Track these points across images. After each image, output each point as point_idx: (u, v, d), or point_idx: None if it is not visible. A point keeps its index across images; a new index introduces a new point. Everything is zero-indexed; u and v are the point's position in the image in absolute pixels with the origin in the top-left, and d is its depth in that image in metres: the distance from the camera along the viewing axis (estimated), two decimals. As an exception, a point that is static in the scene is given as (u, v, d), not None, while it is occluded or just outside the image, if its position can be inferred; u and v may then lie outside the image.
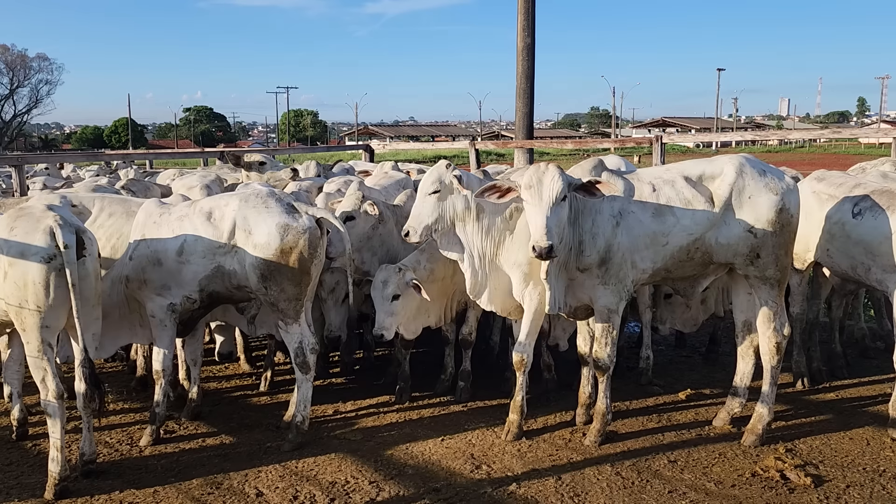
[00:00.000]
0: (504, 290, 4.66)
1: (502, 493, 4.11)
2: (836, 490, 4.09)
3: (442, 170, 4.51)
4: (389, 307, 5.02)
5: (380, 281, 5.05)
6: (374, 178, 7.90)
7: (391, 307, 5.03)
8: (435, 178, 4.48)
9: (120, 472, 4.41)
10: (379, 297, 5.03)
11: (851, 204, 4.92)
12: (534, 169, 4.20)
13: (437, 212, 4.47)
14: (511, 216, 4.52)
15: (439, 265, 5.09)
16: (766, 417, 4.68)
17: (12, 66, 69.81)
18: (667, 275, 4.63)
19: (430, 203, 4.46)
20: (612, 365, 4.63)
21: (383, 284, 5.02)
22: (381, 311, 5.05)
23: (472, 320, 5.54)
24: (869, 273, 4.83)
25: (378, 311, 5.07)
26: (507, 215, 4.52)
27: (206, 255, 4.61)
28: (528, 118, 13.00)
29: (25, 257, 3.88)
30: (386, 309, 5.03)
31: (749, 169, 4.51)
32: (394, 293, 5.01)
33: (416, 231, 4.47)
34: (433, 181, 4.48)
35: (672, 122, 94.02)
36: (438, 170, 4.52)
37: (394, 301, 5.02)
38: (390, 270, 5.05)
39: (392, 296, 5.01)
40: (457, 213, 4.48)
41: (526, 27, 12.69)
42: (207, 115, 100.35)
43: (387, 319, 5.04)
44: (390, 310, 5.03)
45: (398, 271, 5.03)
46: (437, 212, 4.47)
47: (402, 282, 5.01)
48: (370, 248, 5.50)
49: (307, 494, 4.12)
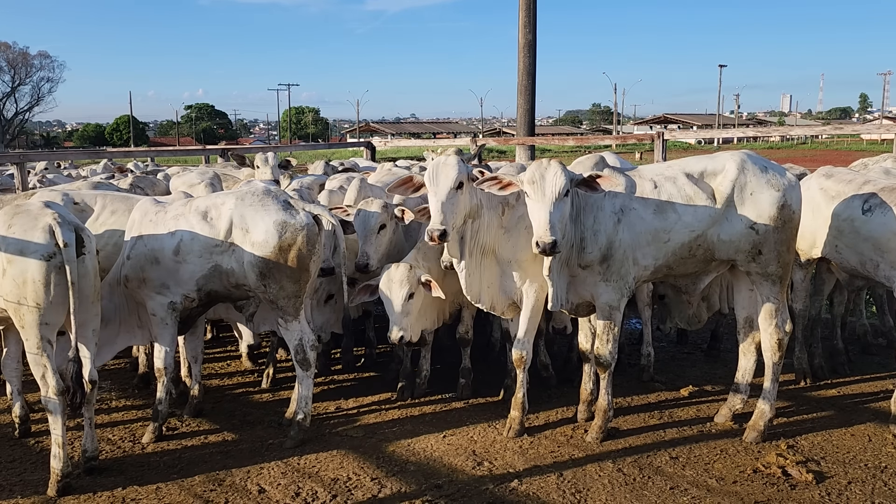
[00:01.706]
0: (497, 288, 4.66)
1: (504, 489, 4.11)
2: (837, 486, 4.09)
3: (462, 164, 4.29)
4: (406, 306, 4.82)
5: (393, 281, 4.82)
6: (377, 175, 7.90)
7: (408, 306, 4.83)
8: (456, 172, 4.22)
9: (122, 469, 4.41)
10: (395, 297, 4.81)
11: (861, 200, 4.93)
12: (536, 164, 4.19)
13: (465, 208, 4.32)
14: (504, 212, 4.52)
15: (434, 264, 4.97)
16: (767, 414, 4.68)
17: (14, 63, 69.88)
18: (668, 271, 4.63)
19: (459, 199, 4.25)
20: (614, 361, 4.63)
21: (399, 284, 4.79)
22: (397, 313, 4.80)
23: (467, 319, 5.53)
24: (878, 269, 4.85)
25: (393, 312, 4.81)
26: (500, 211, 4.51)
27: (203, 254, 4.60)
28: (530, 115, 13.01)
29: (25, 255, 3.87)
30: (403, 309, 4.81)
31: (751, 165, 4.50)
32: (410, 292, 4.82)
33: (449, 231, 4.18)
34: (456, 176, 4.21)
35: (674, 119, 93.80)
36: (458, 164, 4.26)
37: (409, 300, 4.83)
38: (402, 269, 4.85)
39: (409, 295, 4.82)
40: (470, 209, 4.38)
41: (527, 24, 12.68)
42: (209, 112, 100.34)
43: (404, 320, 4.82)
44: (407, 309, 4.83)
45: (409, 269, 4.85)
46: (465, 208, 4.31)
47: (415, 279, 4.85)
48: (388, 252, 5.38)
49: (309, 491, 4.13)
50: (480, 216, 4.45)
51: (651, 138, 9.16)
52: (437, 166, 4.22)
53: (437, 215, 4.15)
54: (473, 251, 4.50)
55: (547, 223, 4.01)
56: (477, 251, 4.52)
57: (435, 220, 4.15)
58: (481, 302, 4.69)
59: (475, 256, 4.52)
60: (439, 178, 4.18)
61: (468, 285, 4.57)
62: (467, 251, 4.48)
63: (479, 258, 4.55)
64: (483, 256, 4.56)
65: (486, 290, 4.65)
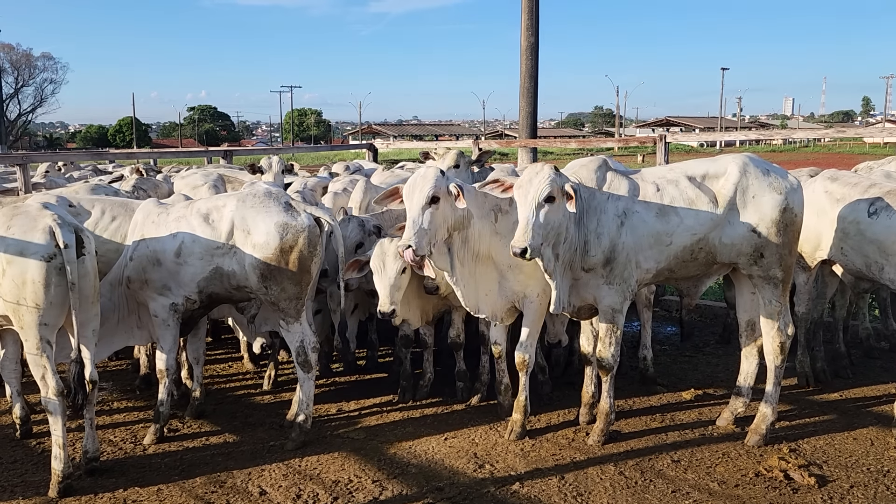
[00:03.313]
0: (497, 295, 4.64)
1: (505, 492, 4.11)
2: (839, 490, 4.08)
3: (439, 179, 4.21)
4: (399, 280, 4.73)
5: (387, 254, 4.71)
6: (380, 176, 7.92)
7: (400, 280, 4.73)
8: (431, 187, 4.15)
9: (124, 471, 4.41)
10: (389, 270, 4.69)
11: (867, 203, 4.96)
12: (530, 168, 4.22)
13: (447, 222, 4.27)
14: (497, 219, 4.50)
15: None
16: (769, 417, 4.68)
17: (17, 65, 70.10)
18: (670, 274, 4.62)
19: (436, 214, 4.19)
20: (616, 364, 4.63)
21: (393, 257, 4.67)
22: (390, 286, 4.69)
23: (457, 322, 5.51)
24: (882, 272, 4.87)
25: (383, 287, 4.71)
26: (492, 219, 4.49)
27: (204, 256, 4.60)
28: (532, 117, 13.00)
29: (24, 256, 3.87)
30: (396, 282, 4.71)
31: (753, 168, 4.50)
32: (403, 266, 4.69)
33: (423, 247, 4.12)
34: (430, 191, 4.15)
35: (676, 122, 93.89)
36: (434, 179, 4.19)
37: (403, 274, 4.72)
38: (392, 244, 4.73)
39: (402, 268, 4.70)
40: (455, 222, 4.32)
41: (530, 26, 12.69)
42: (211, 114, 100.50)
43: (396, 293, 4.73)
44: (399, 283, 4.74)
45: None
46: (445, 222, 4.26)
47: None
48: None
49: (310, 493, 4.12)
50: (469, 226, 4.40)
51: (653, 141, 9.15)
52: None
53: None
54: (465, 260, 4.46)
55: (523, 228, 4.02)
56: (469, 260, 4.48)
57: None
58: (480, 311, 4.66)
59: (468, 265, 4.48)
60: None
61: (465, 296, 4.55)
62: (458, 261, 4.44)
63: (473, 266, 4.51)
64: (477, 265, 4.53)
65: (483, 299, 4.63)
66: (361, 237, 5.42)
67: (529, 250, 3.95)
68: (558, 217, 4.16)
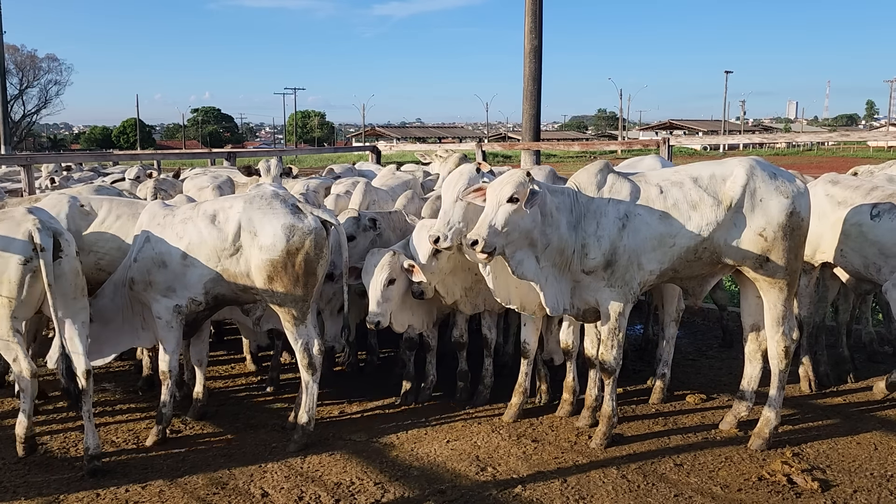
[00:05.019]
0: (527, 287, 4.61)
1: (507, 495, 4.10)
2: (843, 495, 4.07)
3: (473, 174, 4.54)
4: (386, 292, 4.82)
5: (374, 265, 4.83)
6: (381, 178, 7.93)
7: (387, 292, 4.83)
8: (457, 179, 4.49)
9: (126, 472, 4.42)
10: (374, 282, 4.81)
11: (870, 206, 5.08)
12: (508, 172, 4.29)
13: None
14: None
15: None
16: (773, 421, 4.66)
17: (22, 66, 70.14)
18: (674, 274, 4.62)
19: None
20: (619, 367, 4.62)
21: (379, 269, 4.79)
22: (375, 298, 4.81)
23: (460, 323, 5.52)
24: (880, 273, 4.96)
25: (372, 297, 4.82)
26: None
27: (211, 258, 4.60)
28: (535, 120, 13.00)
29: (3, 255, 4.19)
30: (382, 295, 4.81)
31: (760, 171, 4.49)
32: (390, 277, 4.81)
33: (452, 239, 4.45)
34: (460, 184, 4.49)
35: (679, 125, 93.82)
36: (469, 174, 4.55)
37: (389, 286, 4.84)
38: (384, 254, 4.85)
39: (388, 280, 4.81)
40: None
41: (533, 29, 12.69)
42: (215, 115, 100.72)
43: (383, 305, 4.83)
44: (387, 295, 4.83)
45: (392, 255, 4.84)
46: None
47: (397, 265, 4.84)
48: None
49: (312, 495, 4.12)
50: None
51: (656, 144, 9.16)
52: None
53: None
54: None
55: (479, 222, 4.13)
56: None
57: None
58: (511, 302, 4.69)
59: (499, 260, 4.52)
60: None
61: (496, 287, 4.58)
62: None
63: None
64: None
65: (514, 291, 4.64)
66: (354, 231, 5.44)
67: (482, 242, 4.01)
68: (524, 219, 4.15)
